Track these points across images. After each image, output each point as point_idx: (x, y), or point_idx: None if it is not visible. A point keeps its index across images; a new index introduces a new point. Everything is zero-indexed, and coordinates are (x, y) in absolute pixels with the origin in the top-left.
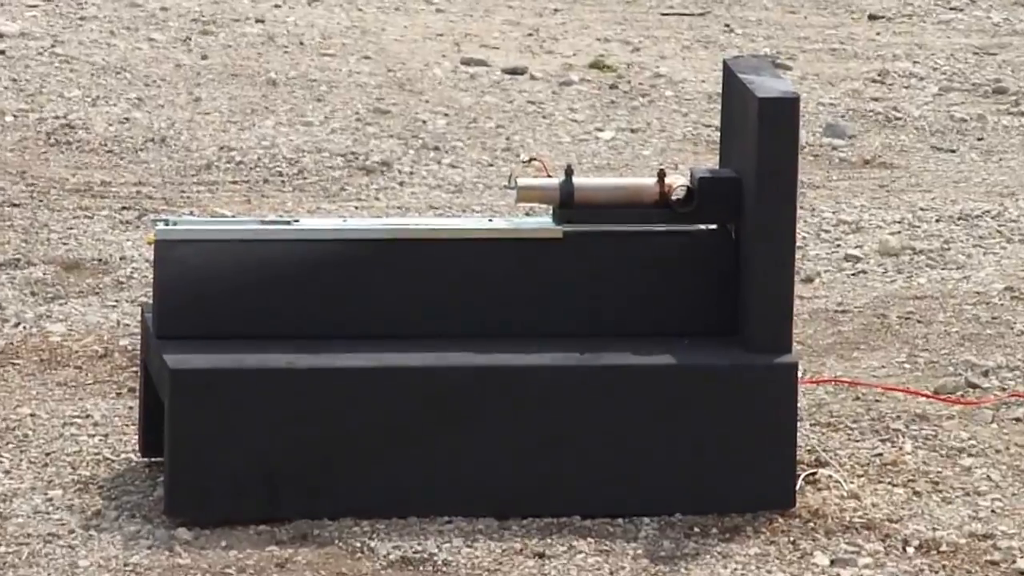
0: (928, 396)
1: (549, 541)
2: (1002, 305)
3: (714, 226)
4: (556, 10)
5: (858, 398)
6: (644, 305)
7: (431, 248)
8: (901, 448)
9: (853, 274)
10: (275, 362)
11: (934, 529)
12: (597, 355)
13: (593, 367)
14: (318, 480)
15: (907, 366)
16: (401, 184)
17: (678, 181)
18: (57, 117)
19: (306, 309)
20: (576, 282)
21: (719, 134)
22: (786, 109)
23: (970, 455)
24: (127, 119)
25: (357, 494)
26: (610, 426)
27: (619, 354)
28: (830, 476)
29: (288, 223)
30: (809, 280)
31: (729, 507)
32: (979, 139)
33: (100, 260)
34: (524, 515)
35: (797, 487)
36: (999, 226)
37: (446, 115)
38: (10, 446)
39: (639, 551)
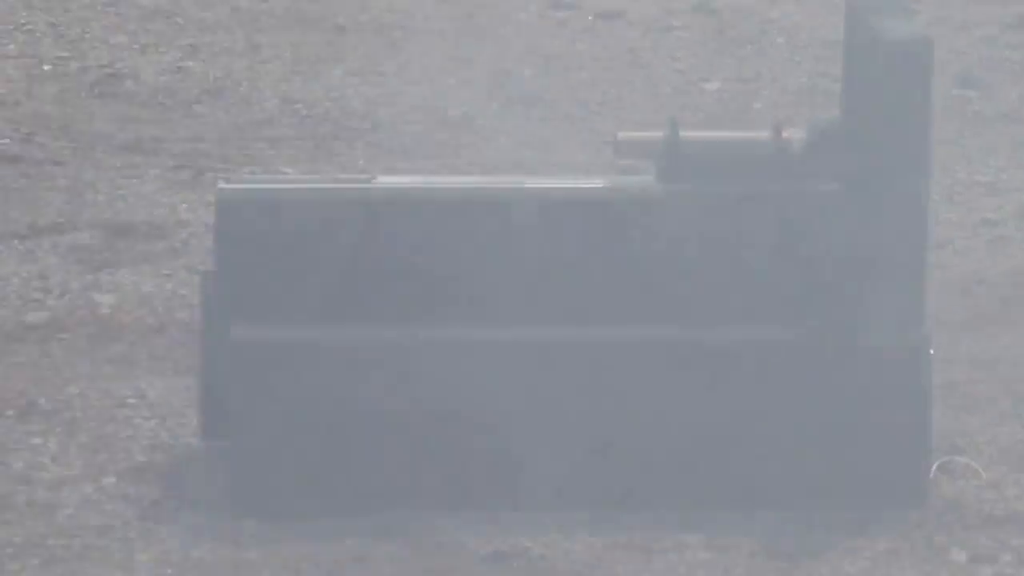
0: None
1: (654, 535)
2: None
3: (836, 186)
4: None
5: (996, 376)
6: (758, 274)
7: (520, 208)
8: None
9: (990, 240)
10: (353, 336)
11: None
12: (704, 330)
13: (699, 343)
14: (398, 470)
15: None
16: (485, 140)
17: (797, 135)
18: (102, 66)
19: (386, 278)
20: (681, 248)
21: (839, 85)
22: (918, 54)
23: None
24: (180, 68)
25: (441, 485)
26: (719, 409)
27: (728, 328)
28: (967, 464)
29: (365, 181)
30: (940, 247)
31: (855, 499)
32: None
33: (152, 224)
34: (624, 508)
35: (931, 476)
36: None
37: (534, 64)
38: (58, 430)
39: (755, 547)
